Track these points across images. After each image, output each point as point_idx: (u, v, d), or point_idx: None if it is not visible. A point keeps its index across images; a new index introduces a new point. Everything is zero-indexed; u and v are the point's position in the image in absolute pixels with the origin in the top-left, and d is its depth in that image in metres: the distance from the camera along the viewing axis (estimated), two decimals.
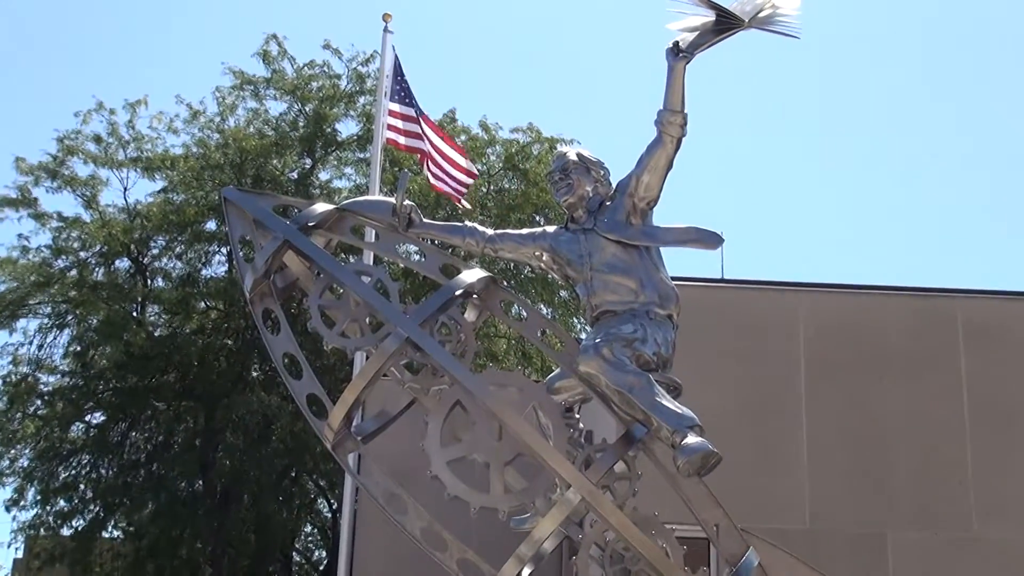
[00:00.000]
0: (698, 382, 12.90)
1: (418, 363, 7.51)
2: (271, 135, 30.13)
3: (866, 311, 15.53)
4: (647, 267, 7.37)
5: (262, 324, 7.57)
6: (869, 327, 15.38)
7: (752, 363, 15.04)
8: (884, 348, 15.25)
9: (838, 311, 15.45)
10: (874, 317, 15.47)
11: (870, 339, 15.28)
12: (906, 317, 15.48)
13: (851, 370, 15.05)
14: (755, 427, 14.69)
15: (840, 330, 15.29)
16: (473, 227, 7.86)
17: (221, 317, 29.64)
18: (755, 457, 14.44)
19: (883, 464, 14.72)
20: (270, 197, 8.31)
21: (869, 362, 15.13)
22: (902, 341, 15.30)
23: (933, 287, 15.94)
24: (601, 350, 6.95)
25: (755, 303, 15.50)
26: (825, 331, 15.27)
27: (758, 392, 14.95)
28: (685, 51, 7.20)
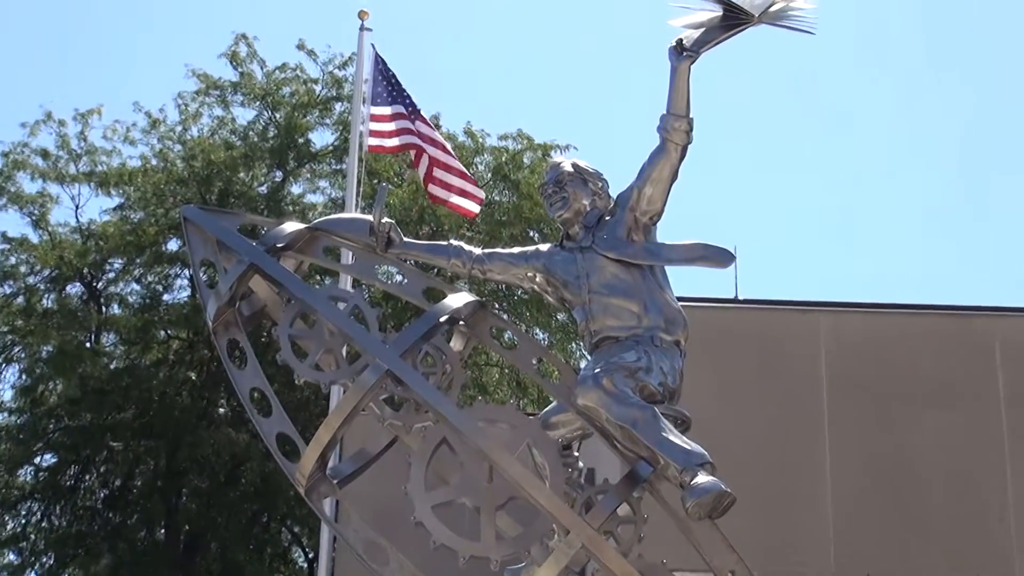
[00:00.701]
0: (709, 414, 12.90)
1: (400, 397, 7.47)
2: (239, 145, 30.09)
3: (894, 332, 15.54)
4: (651, 288, 7.35)
5: (227, 356, 7.54)
6: (897, 350, 15.39)
7: (769, 391, 15.04)
8: (914, 373, 15.26)
9: (863, 332, 15.46)
10: (903, 339, 15.48)
11: (898, 363, 15.29)
12: (938, 338, 15.49)
13: (878, 397, 15.05)
14: (773, 462, 14.67)
15: (865, 353, 15.30)
16: (459, 246, 7.84)
17: (184, 347, 29.54)
18: (774, 495, 14.41)
19: (915, 500, 14.71)
20: (235, 216, 8.29)
21: (898, 388, 15.14)
22: (934, 365, 15.31)
23: (968, 305, 16.00)
24: (601, 381, 6.92)
25: (772, 325, 15.51)
26: (849, 354, 15.27)
27: (776, 423, 14.93)
28: (690, 50, 7.21)
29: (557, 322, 28.12)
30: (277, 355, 7.27)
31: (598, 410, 6.92)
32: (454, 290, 7.63)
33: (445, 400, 6.98)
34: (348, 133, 24.11)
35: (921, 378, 15.28)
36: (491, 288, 27.08)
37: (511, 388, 28.45)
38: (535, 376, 8.05)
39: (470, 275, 7.87)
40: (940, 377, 15.28)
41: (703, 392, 13.19)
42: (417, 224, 27.28)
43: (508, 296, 28.15)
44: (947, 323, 15.66)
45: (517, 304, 28.03)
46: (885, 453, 14.87)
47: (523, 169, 29.43)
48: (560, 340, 28.30)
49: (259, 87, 30.38)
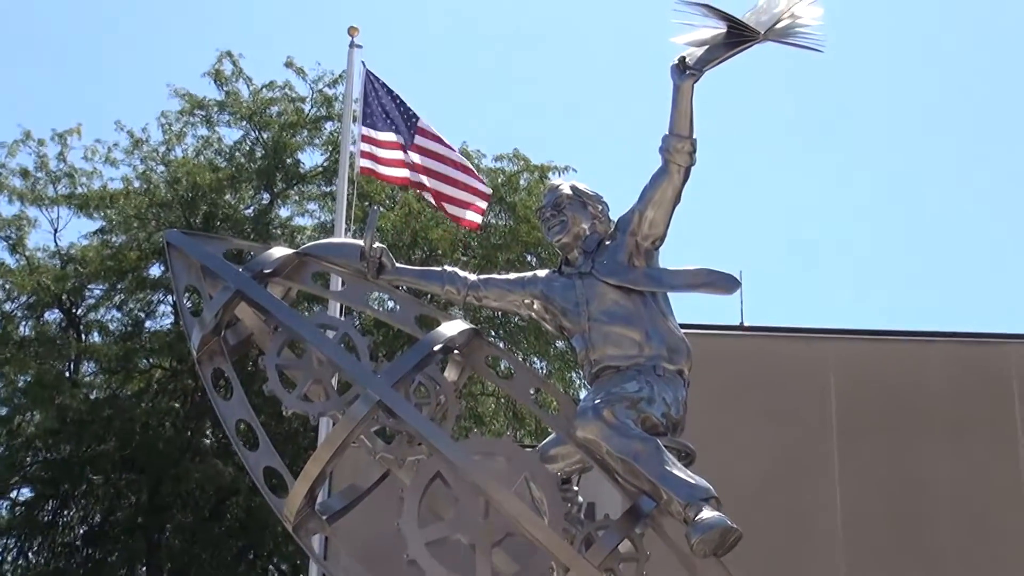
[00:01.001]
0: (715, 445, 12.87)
1: (392, 430, 7.45)
2: (224, 167, 30.16)
3: (905, 361, 15.53)
4: (653, 316, 7.35)
5: (212, 387, 7.53)
6: (909, 379, 15.38)
7: (777, 421, 15.02)
8: (927, 403, 15.24)
9: (873, 361, 15.45)
10: (914, 368, 15.47)
11: (910, 393, 15.28)
12: (951, 367, 15.48)
13: (889, 429, 15.04)
14: (781, 496, 14.64)
15: (876, 383, 15.28)
16: (453, 272, 7.84)
17: (167, 377, 29.53)
18: (782, 531, 14.38)
19: (929, 537, 14.68)
20: (220, 240, 8.28)
21: (910, 419, 15.12)
22: (947, 395, 15.30)
23: (982, 332, 15.98)
24: (602, 412, 6.91)
25: (779, 353, 15.50)
26: (859, 384, 15.26)
27: (784, 455, 14.91)
28: (693, 68, 7.21)
29: (555, 350, 28.11)
30: (264, 385, 7.25)
31: (598, 442, 6.90)
32: (448, 317, 7.62)
33: (439, 432, 6.97)
34: (338, 154, 24.15)
35: (934, 408, 15.27)
36: (487, 315, 27.09)
37: (508, 419, 28.43)
38: (532, 407, 8.03)
39: (465, 302, 7.86)
40: (954, 407, 15.26)
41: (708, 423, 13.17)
42: (410, 248, 27.31)
43: (504, 323, 28.14)
44: (961, 351, 15.65)
45: (514, 332, 28.03)
46: (897, 487, 14.83)
47: (520, 191, 29.50)
48: (559, 369, 28.29)
49: (245, 106, 30.45)
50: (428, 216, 28.06)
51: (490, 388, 27.77)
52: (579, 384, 27.84)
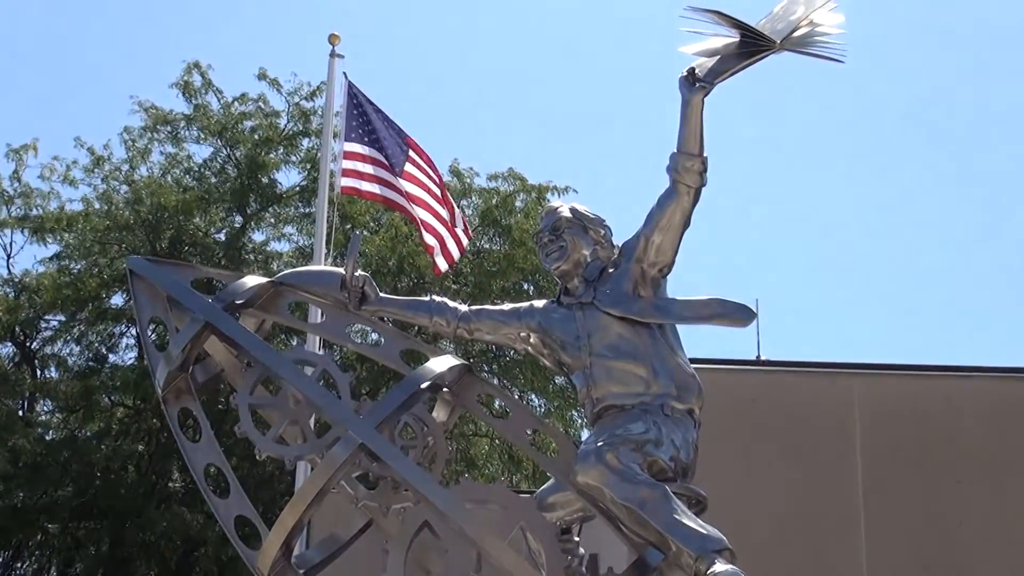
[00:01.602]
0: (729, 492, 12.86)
1: (375, 475, 7.46)
2: (193, 186, 30.22)
3: (938, 398, 15.52)
4: (660, 350, 7.36)
5: (178, 428, 7.52)
6: (942, 418, 15.37)
7: (797, 465, 15.00)
8: (962, 444, 15.23)
9: (902, 398, 15.44)
10: (947, 405, 15.47)
11: (944, 433, 15.27)
12: (987, 404, 15.48)
13: (920, 472, 15.01)
14: (802, 546, 14.61)
15: (905, 422, 15.27)
16: (442, 302, 7.86)
17: (130, 416, 29.51)
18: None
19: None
20: (188, 268, 8.29)
21: (942, 461, 15.10)
22: (984, 434, 15.28)
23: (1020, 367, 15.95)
24: (605, 456, 6.90)
25: (799, 389, 15.49)
26: (886, 423, 15.25)
27: (805, 501, 14.89)
28: (703, 80, 7.23)
29: (554, 387, 28.11)
30: (236, 426, 7.24)
31: (601, 489, 6.88)
32: (437, 352, 7.63)
33: (427, 478, 6.96)
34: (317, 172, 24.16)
35: (970, 449, 15.25)
36: (479, 349, 27.10)
37: (502, 463, 28.42)
38: (529, 449, 8.02)
39: (455, 335, 7.86)
40: (992, 448, 15.25)
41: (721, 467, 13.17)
42: (395, 276, 27.34)
43: (498, 358, 28.13)
44: (999, 387, 15.65)
45: (509, 367, 28.03)
46: (929, 535, 14.81)
47: (515, 213, 29.56)
48: (558, 408, 28.30)
49: (215, 121, 30.53)
50: (415, 240, 28.10)
51: (483, 429, 27.79)
52: (580, 424, 27.84)
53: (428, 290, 26.22)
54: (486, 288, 27.95)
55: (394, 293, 15.89)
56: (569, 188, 29.62)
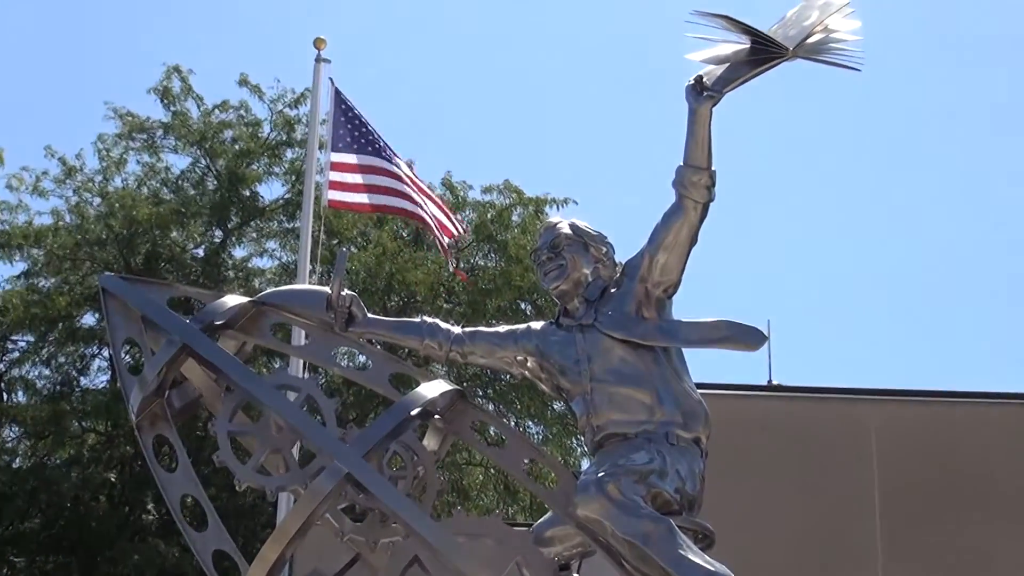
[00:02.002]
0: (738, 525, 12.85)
1: (362, 507, 7.45)
2: (170, 199, 30.21)
3: (961, 426, 15.53)
4: (665, 375, 7.36)
5: (153, 456, 7.52)
6: (965, 447, 15.37)
7: (810, 496, 15.00)
8: (986, 475, 15.23)
9: (922, 426, 15.44)
10: (971, 434, 15.47)
11: (966, 463, 15.26)
12: (1017, 433, 15.48)
13: (940, 503, 15.01)
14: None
15: (926, 451, 15.27)
16: (434, 324, 7.86)
17: (102, 443, 29.46)
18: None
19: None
20: (164, 286, 8.33)
21: (965, 494, 15.09)
22: (1010, 465, 15.28)
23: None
24: (606, 487, 6.90)
25: (813, 417, 15.49)
26: (906, 453, 15.25)
27: (819, 535, 14.88)
28: (711, 89, 7.24)
29: (553, 413, 28.09)
30: (214, 455, 7.25)
31: (602, 522, 6.88)
32: (428, 377, 7.63)
33: (417, 510, 6.96)
34: (301, 185, 24.19)
35: (994, 481, 15.25)
36: (473, 373, 27.07)
37: (497, 494, 28.38)
38: (526, 480, 8.01)
39: (448, 358, 7.85)
40: (1017, 479, 15.24)
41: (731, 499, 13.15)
42: (384, 294, 27.34)
43: (494, 382, 28.11)
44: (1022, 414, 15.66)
45: (505, 392, 28.01)
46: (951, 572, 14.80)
47: (511, 228, 29.54)
48: (557, 435, 28.26)
49: (195, 129, 30.54)
50: (405, 257, 28.12)
51: (477, 458, 27.73)
52: (580, 453, 27.82)
53: (419, 309, 26.25)
54: (480, 308, 27.94)
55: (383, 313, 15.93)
56: (569, 200, 29.68)
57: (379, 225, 29.45)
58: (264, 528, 24.37)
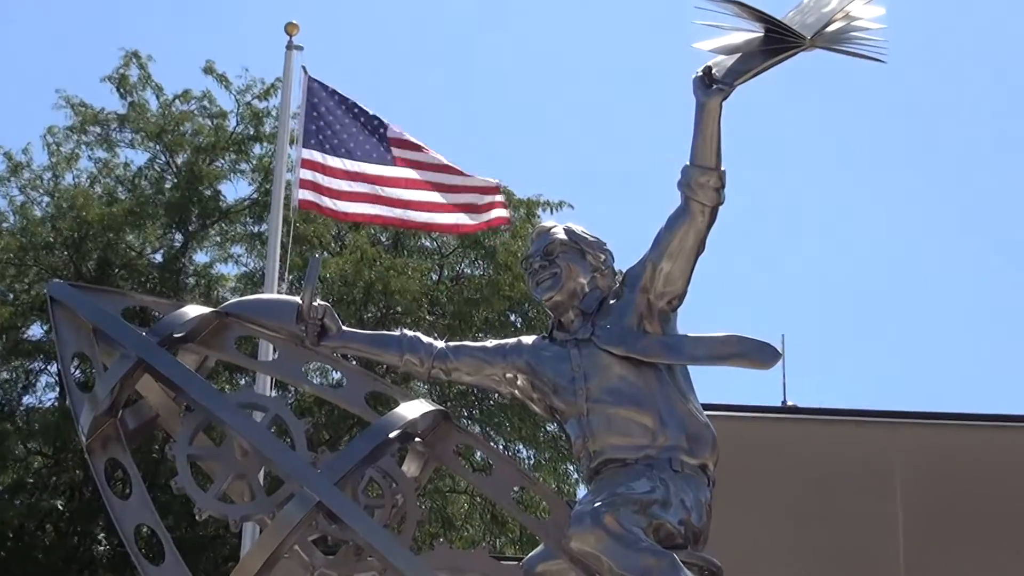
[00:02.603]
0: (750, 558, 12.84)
1: (334, 539, 7.44)
2: (125, 199, 30.17)
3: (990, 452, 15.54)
4: (669, 395, 7.36)
5: (105, 482, 7.49)
6: (995, 474, 15.38)
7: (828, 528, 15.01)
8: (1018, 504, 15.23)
9: (950, 452, 15.46)
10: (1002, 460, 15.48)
11: (997, 492, 15.27)
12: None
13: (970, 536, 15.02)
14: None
15: (955, 480, 15.28)
16: (415, 337, 7.84)
17: (49, 467, 29.41)
18: None
19: None
20: (118, 295, 8.29)
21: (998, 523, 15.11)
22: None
23: None
24: (603, 518, 6.90)
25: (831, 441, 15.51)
26: (932, 481, 15.26)
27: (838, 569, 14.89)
28: (721, 82, 7.24)
29: (546, 436, 28.08)
30: (172, 481, 7.24)
31: (598, 556, 6.88)
32: (409, 396, 7.63)
33: (395, 542, 6.96)
34: (270, 184, 24.15)
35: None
36: (458, 391, 27.05)
37: (484, 525, 28.37)
38: (515, 509, 8.03)
39: (430, 375, 7.84)
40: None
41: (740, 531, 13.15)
42: (361, 306, 27.32)
43: (480, 402, 28.09)
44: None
45: (492, 413, 27.99)
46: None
47: (500, 233, 29.46)
48: (549, 461, 28.26)
49: (154, 122, 30.50)
50: (385, 263, 28.08)
51: (462, 485, 27.71)
52: (575, 480, 27.82)
53: (400, 321, 26.22)
54: (466, 319, 27.94)
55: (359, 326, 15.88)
56: (564, 203, 29.69)
57: (355, 228, 29.43)
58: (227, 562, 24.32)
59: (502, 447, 27.09)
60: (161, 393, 7.71)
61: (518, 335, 8.06)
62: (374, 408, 7.61)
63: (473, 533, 27.90)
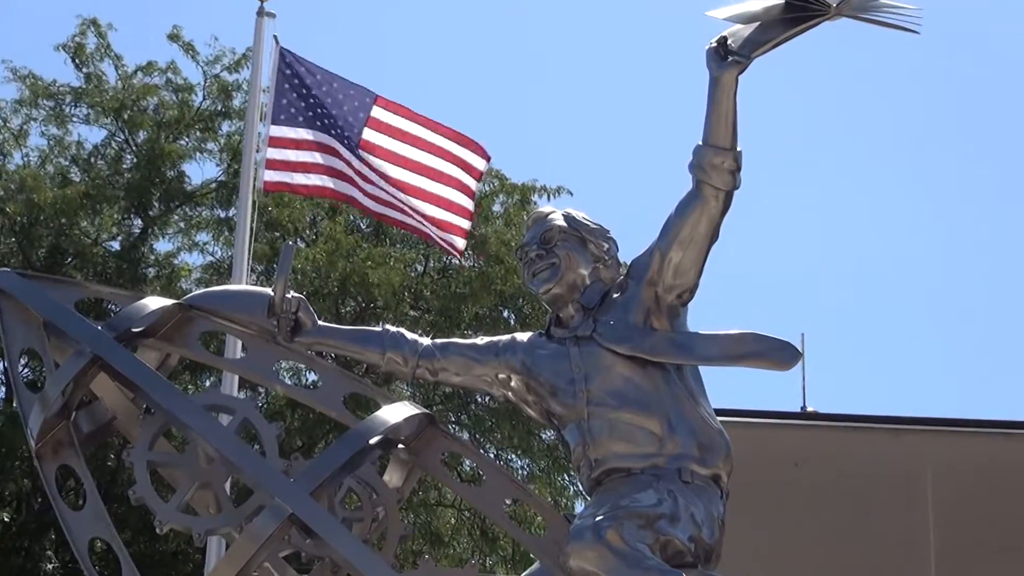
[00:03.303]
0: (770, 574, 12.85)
1: (309, 555, 7.43)
2: (79, 181, 30.15)
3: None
4: (678, 398, 7.35)
5: (56, 491, 7.48)
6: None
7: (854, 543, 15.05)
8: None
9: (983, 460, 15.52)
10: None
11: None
12: None
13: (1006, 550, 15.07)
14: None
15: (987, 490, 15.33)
16: (398, 333, 7.83)
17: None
18: None
19: None
20: (71, 285, 8.28)
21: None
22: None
23: None
24: (605, 533, 6.89)
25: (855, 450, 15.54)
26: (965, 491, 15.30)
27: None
28: (738, 54, 7.22)
29: (541, 445, 28.10)
30: (131, 490, 7.22)
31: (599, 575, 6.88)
32: (391, 398, 7.61)
33: (375, 559, 6.96)
34: (239, 165, 24.13)
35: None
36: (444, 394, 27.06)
37: (473, 541, 28.37)
38: (508, 524, 8.01)
39: (414, 375, 7.82)
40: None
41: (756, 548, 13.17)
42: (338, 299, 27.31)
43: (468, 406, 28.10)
44: None
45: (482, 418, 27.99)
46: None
47: (493, 220, 29.52)
48: (545, 471, 28.27)
49: (112, 96, 30.49)
50: (363, 253, 28.06)
51: (449, 497, 27.74)
52: (573, 493, 27.84)
53: (380, 317, 26.20)
54: (455, 316, 27.95)
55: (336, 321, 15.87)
56: (562, 189, 29.72)
57: (331, 215, 29.42)
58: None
59: (493, 456, 27.10)
60: (118, 393, 7.70)
61: (512, 333, 8.03)
62: (353, 411, 7.59)
63: (461, 551, 27.91)
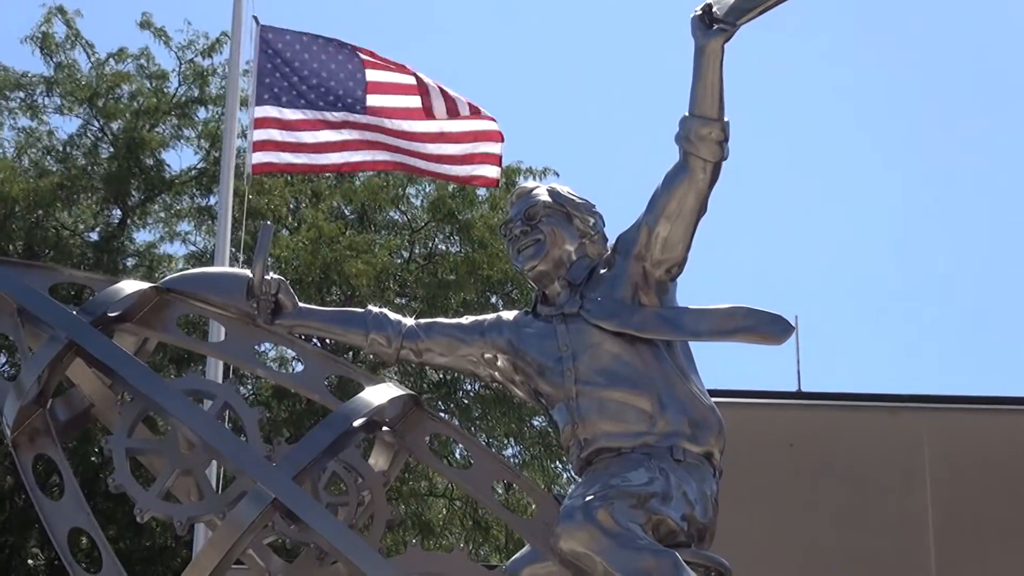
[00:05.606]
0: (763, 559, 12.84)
1: (293, 541, 7.41)
2: (55, 171, 30.13)
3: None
4: (668, 376, 7.33)
5: (33, 482, 7.44)
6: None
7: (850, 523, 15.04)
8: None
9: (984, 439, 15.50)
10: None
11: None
12: None
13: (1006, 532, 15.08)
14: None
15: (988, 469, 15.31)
16: (382, 315, 7.81)
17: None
18: None
19: None
20: (46, 270, 8.23)
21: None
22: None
23: None
24: (595, 514, 6.87)
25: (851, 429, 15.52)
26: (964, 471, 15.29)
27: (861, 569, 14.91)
28: (723, 20, 7.19)
29: (532, 429, 28.11)
30: (110, 478, 7.19)
31: (591, 557, 6.85)
32: (376, 380, 7.58)
33: (361, 545, 6.92)
34: (218, 152, 24.11)
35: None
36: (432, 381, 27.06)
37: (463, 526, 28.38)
38: (498, 508, 8.00)
39: (399, 357, 7.81)
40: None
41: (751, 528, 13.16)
42: (320, 288, 27.28)
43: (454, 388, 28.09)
44: None
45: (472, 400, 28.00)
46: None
47: (478, 204, 29.51)
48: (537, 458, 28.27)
49: (85, 84, 30.47)
50: (346, 242, 28.04)
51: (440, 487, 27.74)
52: (566, 478, 27.83)
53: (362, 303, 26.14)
54: (440, 303, 27.91)
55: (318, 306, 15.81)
56: (548, 170, 29.68)
57: (314, 203, 29.41)
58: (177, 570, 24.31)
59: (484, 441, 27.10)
60: (95, 380, 7.69)
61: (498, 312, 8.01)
62: (336, 394, 7.57)
63: (453, 540, 27.89)
